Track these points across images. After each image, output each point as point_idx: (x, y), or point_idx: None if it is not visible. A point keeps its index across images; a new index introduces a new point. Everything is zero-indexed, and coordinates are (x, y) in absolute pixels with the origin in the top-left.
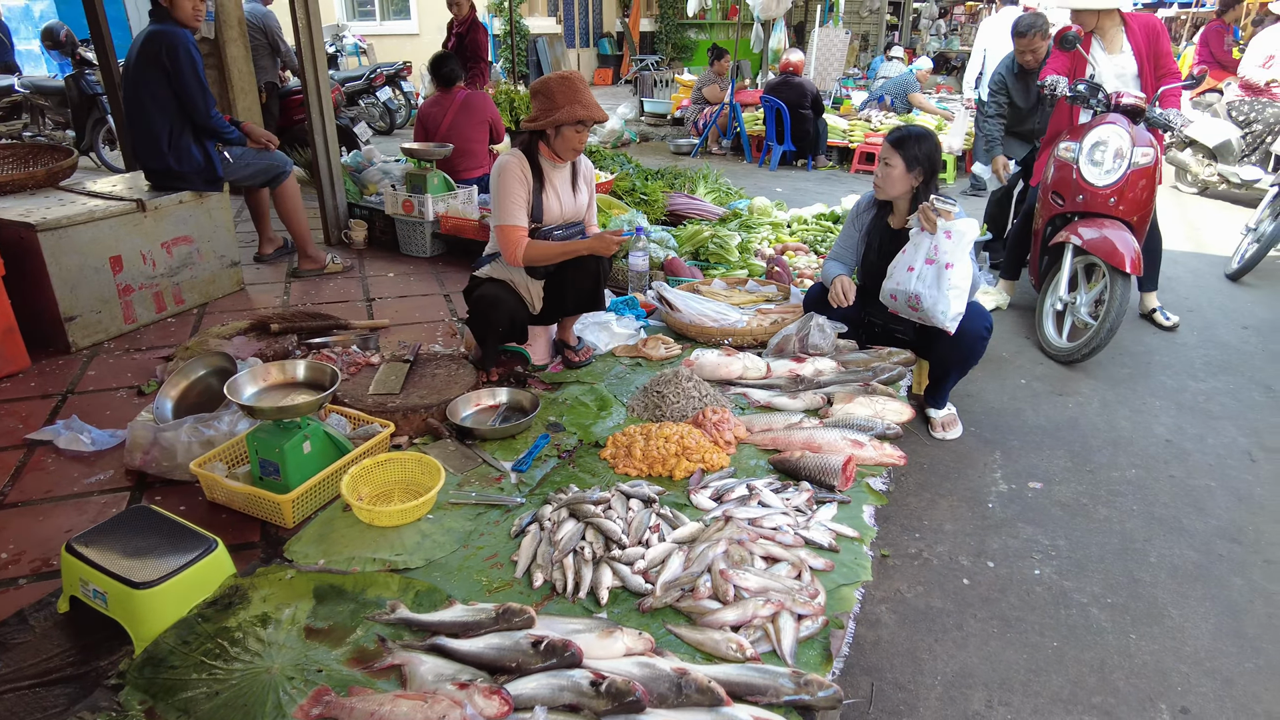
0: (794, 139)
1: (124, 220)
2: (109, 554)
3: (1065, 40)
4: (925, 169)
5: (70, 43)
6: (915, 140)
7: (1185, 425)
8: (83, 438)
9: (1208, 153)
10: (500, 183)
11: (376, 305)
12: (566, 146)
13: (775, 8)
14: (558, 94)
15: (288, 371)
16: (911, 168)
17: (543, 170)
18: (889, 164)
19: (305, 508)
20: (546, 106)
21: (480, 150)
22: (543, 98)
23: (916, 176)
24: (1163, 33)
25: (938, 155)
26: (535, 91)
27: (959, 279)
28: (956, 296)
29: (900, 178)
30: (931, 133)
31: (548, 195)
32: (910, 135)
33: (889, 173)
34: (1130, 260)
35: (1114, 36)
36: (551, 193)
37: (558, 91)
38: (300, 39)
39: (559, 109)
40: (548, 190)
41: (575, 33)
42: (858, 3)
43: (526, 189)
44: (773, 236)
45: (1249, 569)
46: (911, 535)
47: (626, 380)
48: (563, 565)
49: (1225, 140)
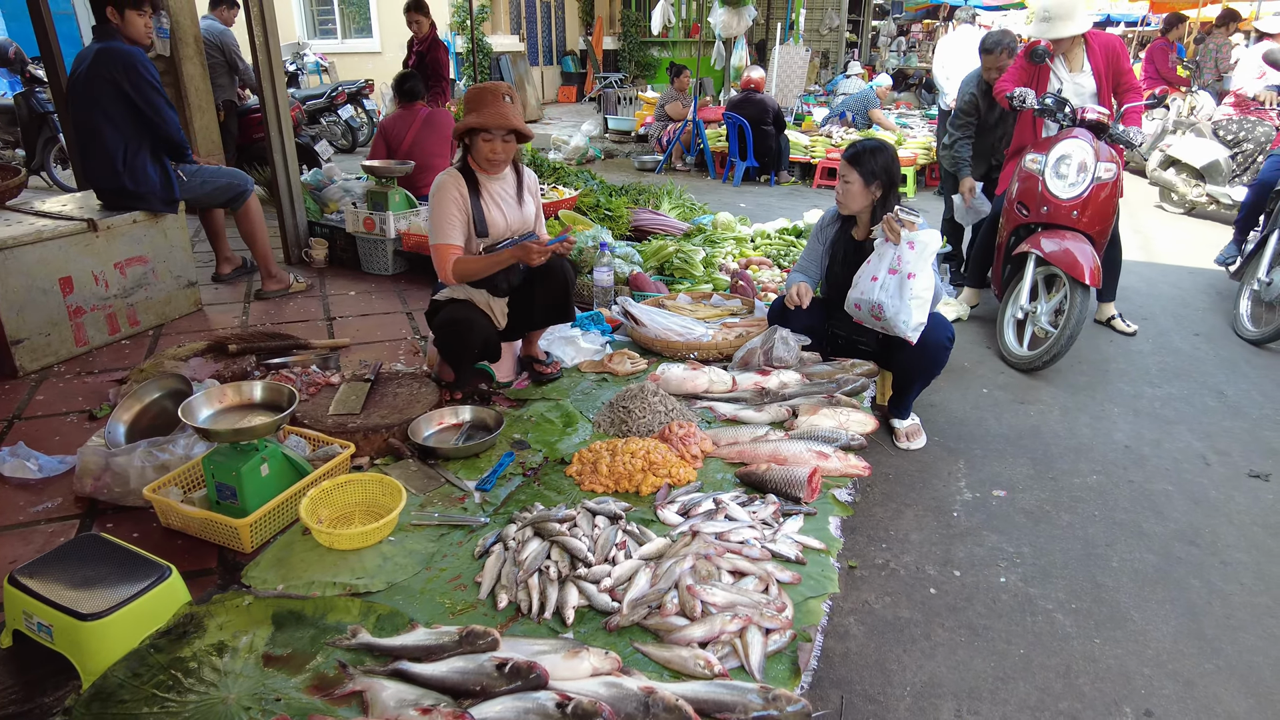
0: (757, 155)
1: (74, 240)
2: (55, 585)
3: (1035, 54)
4: (883, 181)
5: (19, 60)
6: (871, 154)
7: (1143, 431)
8: (29, 464)
9: (1194, 173)
10: (434, 201)
11: (337, 324)
12: (481, 156)
13: (736, 26)
14: (469, 102)
15: (244, 393)
16: (869, 182)
17: (479, 182)
18: (847, 180)
19: (263, 532)
20: (477, 106)
21: (442, 167)
22: (474, 100)
23: (875, 190)
24: (1123, 52)
25: (895, 167)
26: (469, 98)
27: (921, 289)
28: (918, 306)
29: (860, 192)
30: (887, 145)
31: (489, 208)
32: (865, 150)
33: (848, 188)
34: (1089, 272)
35: (1076, 55)
36: (492, 204)
37: (470, 100)
38: (258, 57)
39: (467, 116)
40: (487, 201)
41: (539, 51)
42: (817, 20)
43: (461, 207)
44: (737, 251)
45: (1206, 570)
46: (878, 546)
47: (592, 396)
48: (528, 585)
49: (1214, 160)
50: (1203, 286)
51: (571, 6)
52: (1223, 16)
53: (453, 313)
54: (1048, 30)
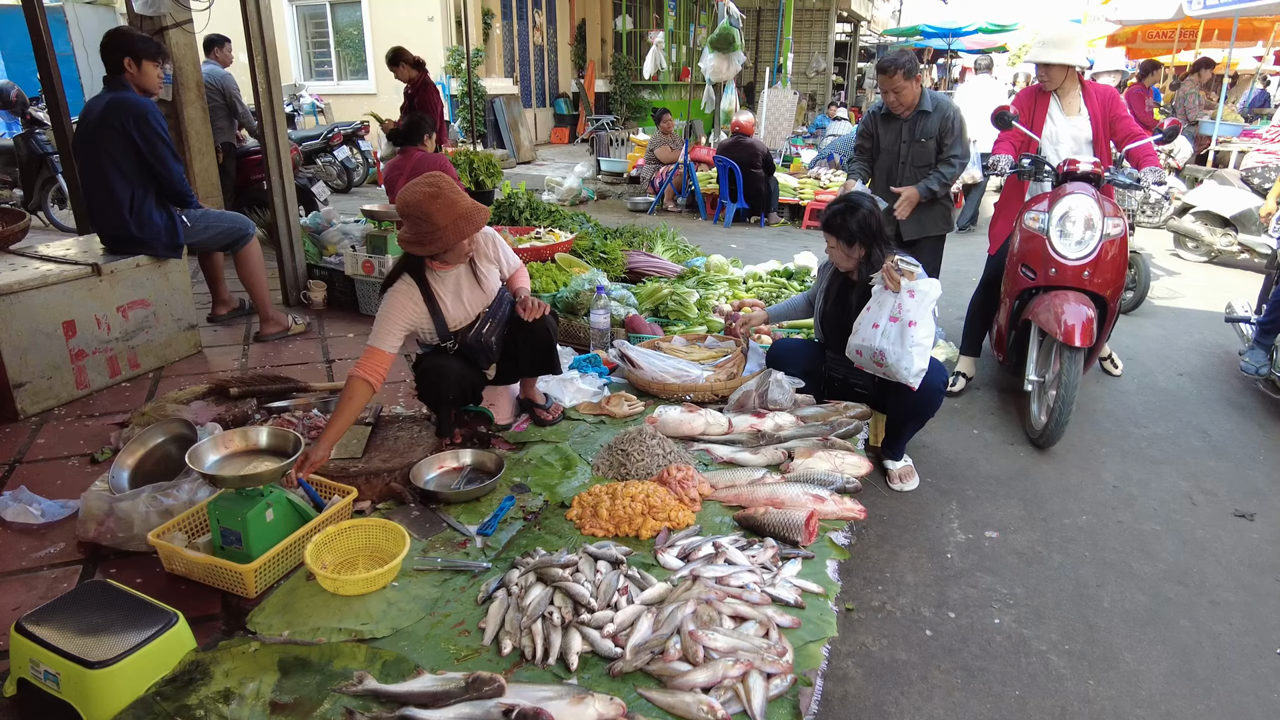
0: (747, 197)
1: (79, 285)
2: (62, 632)
3: (1001, 119)
4: (863, 240)
5: (21, 102)
6: (843, 217)
7: (1130, 471)
8: (32, 509)
9: (1221, 221)
10: (383, 308)
11: (337, 366)
12: (459, 255)
13: (726, 70)
14: (438, 215)
15: (250, 438)
16: (851, 244)
17: (430, 286)
18: (829, 245)
19: (268, 577)
20: (428, 230)
21: None
22: (418, 220)
23: (858, 250)
24: (1116, 99)
25: (873, 220)
26: (407, 214)
27: (922, 336)
28: (920, 353)
29: (844, 255)
30: (861, 202)
31: (444, 305)
32: (838, 214)
33: (833, 253)
34: (1078, 331)
35: (1073, 100)
36: (448, 299)
37: (437, 213)
38: (260, 102)
39: (443, 229)
40: (441, 300)
41: (532, 93)
42: (804, 64)
43: (409, 316)
44: (730, 293)
45: (1196, 610)
46: (874, 588)
47: (591, 439)
48: (531, 631)
49: (1245, 210)
50: (1186, 326)
51: (564, 51)
52: (1197, 64)
53: (431, 361)
54: (1041, 54)
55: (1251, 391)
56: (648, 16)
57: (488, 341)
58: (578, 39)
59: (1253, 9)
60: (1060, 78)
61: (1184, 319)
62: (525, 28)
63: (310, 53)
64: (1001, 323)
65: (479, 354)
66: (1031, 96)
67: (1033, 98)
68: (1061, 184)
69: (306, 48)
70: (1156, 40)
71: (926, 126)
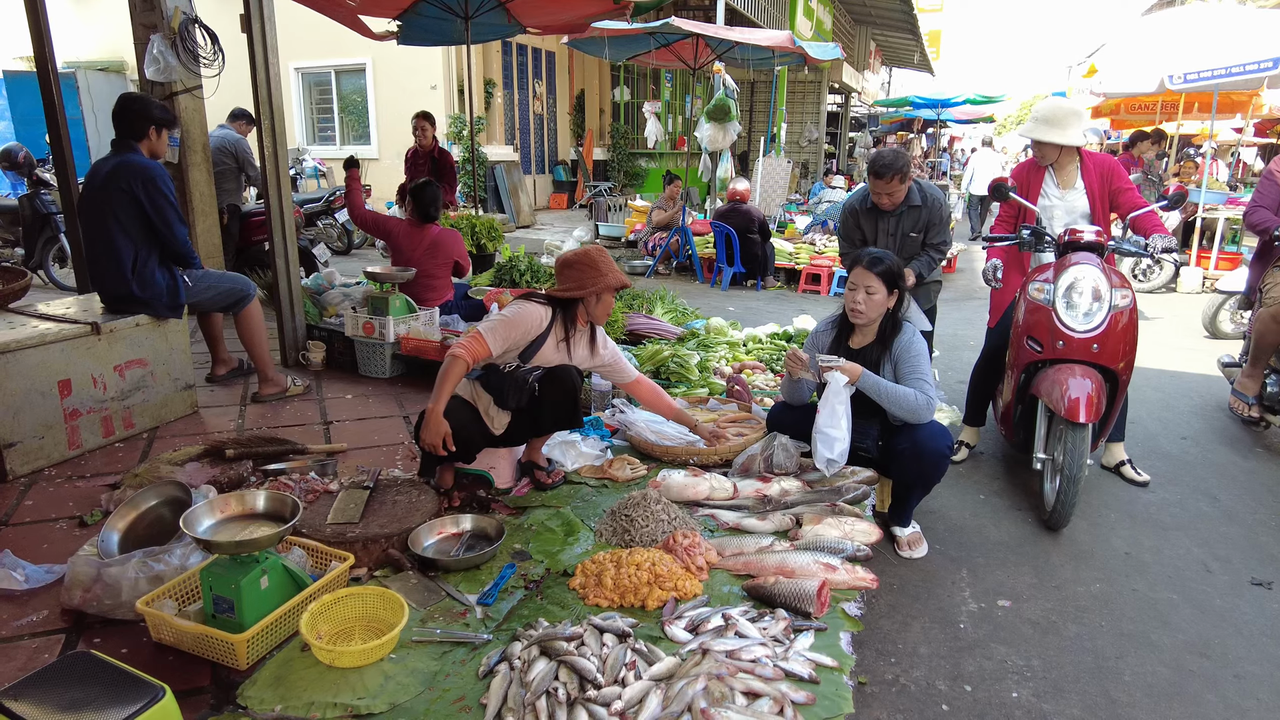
0: (743, 261)
1: (76, 343)
2: (42, 708)
3: (999, 191)
4: (898, 289)
5: (28, 163)
6: (885, 261)
7: (1141, 537)
8: (15, 574)
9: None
10: (514, 312)
11: (334, 428)
12: (604, 311)
13: (722, 140)
14: (600, 263)
15: (246, 502)
16: (891, 289)
17: (557, 323)
18: (871, 290)
19: (260, 647)
20: (589, 275)
21: (443, 284)
22: (583, 268)
23: (894, 297)
24: (1117, 171)
25: (900, 270)
26: (570, 264)
27: (825, 425)
28: (823, 441)
29: (883, 301)
30: (889, 252)
31: (547, 342)
32: (884, 258)
33: (871, 299)
34: (1083, 405)
35: (1070, 173)
36: (550, 343)
37: (599, 261)
38: (265, 165)
39: (603, 275)
40: (551, 337)
41: (531, 160)
42: (797, 133)
43: (526, 328)
44: (730, 355)
45: (1221, 685)
46: (887, 660)
47: (593, 503)
48: (535, 708)
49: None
50: (1184, 391)
51: (563, 119)
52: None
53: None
54: (1033, 130)
55: (1256, 455)
56: (645, 88)
57: (528, 383)
58: (576, 108)
59: (1231, 84)
60: (1054, 154)
61: (1180, 382)
62: (526, 97)
63: (315, 118)
64: (1007, 398)
65: (513, 389)
66: (1028, 169)
67: (1029, 170)
68: (1064, 254)
69: (311, 113)
70: (1139, 112)
71: (916, 221)
